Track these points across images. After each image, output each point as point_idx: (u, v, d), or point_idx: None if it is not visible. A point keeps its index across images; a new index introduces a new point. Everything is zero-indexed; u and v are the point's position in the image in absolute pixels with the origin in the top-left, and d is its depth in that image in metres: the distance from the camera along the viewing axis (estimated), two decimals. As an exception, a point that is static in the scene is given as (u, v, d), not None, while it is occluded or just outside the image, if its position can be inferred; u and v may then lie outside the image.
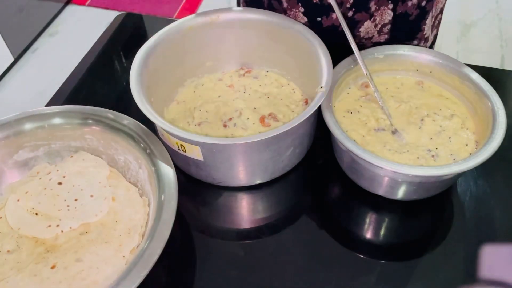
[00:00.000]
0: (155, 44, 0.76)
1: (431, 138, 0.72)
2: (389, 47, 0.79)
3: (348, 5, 0.82)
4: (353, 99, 0.78)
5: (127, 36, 1.04)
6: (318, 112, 0.70)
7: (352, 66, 0.76)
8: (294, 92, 0.82)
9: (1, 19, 1.94)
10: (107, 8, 2.36)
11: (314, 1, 0.85)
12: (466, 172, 0.74)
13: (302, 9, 0.87)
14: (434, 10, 0.88)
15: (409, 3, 0.84)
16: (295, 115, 0.77)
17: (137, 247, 0.63)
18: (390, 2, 0.82)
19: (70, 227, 0.66)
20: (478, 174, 0.76)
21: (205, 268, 0.67)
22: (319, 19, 0.85)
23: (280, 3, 0.87)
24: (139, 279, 0.54)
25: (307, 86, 0.80)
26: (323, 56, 0.72)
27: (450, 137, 0.72)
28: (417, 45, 0.91)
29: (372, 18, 0.86)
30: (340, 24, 0.74)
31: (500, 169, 0.76)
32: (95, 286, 0.60)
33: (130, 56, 0.74)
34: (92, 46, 1.00)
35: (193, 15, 0.80)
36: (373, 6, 0.82)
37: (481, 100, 0.72)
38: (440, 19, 0.93)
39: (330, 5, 0.74)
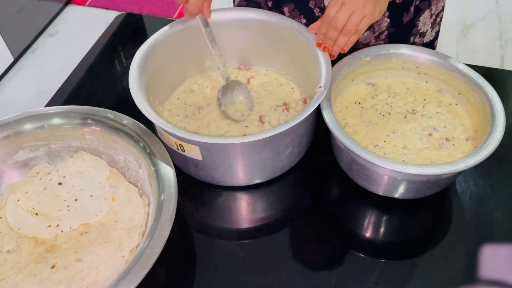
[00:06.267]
0: (154, 44, 0.76)
1: (430, 135, 0.72)
2: (383, 46, 0.79)
3: None
4: (352, 98, 0.78)
5: (127, 36, 1.04)
6: (317, 112, 0.70)
7: (351, 65, 0.76)
8: (293, 91, 0.83)
9: (1, 19, 1.94)
10: (107, 8, 2.36)
11: (317, 14, 0.85)
12: (465, 171, 0.74)
13: (304, 20, 0.87)
14: (434, 8, 0.89)
15: (405, 14, 0.85)
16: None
17: (136, 247, 0.63)
18: (387, 11, 0.83)
19: (70, 227, 0.67)
20: (477, 173, 0.76)
21: (204, 267, 0.67)
22: None
23: (282, 13, 0.87)
24: (138, 279, 0.55)
25: (306, 86, 0.80)
26: (322, 55, 0.72)
27: (449, 136, 0.72)
28: (414, 40, 0.91)
29: (371, 28, 0.87)
30: None
31: (500, 169, 0.76)
32: (95, 285, 0.60)
33: (130, 56, 0.74)
34: (92, 46, 1.00)
35: (192, 15, 0.80)
36: None
37: (480, 99, 0.72)
38: (442, 16, 0.94)
39: None
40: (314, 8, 0.85)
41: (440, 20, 0.94)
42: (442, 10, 0.92)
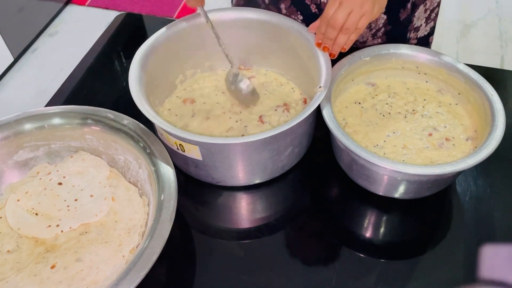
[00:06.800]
0: (154, 44, 0.76)
1: (430, 135, 0.72)
2: (383, 46, 0.79)
3: None
4: (352, 98, 0.78)
5: (127, 36, 1.04)
6: (317, 112, 0.70)
7: (351, 65, 0.76)
8: (293, 91, 0.83)
9: (1, 19, 1.94)
10: (107, 8, 2.36)
11: (313, 11, 0.85)
12: (465, 171, 0.74)
13: (300, 17, 0.87)
14: (429, 4, 0.89)
15: (402, 10, 0.85)
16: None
17: (136, 247, 0.63)
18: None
19: (70, 227, 0.67)
20: (478, 173, 0.76)
21: (204, 267, 0.67)
22: None
23: (279, 10, 0.87)
24: (138, 279, 0.55)
25: (306, 86, 0.80)
26: (322, 55, 0.72)
27: (449, 136, 0.72)
28: (409, 36, 0.91)
29: (368, 26, 0.87)
30: None
31: (500, 169, 0.76)
32: (95, 285, 0.60)
33: (130, 56, 0.74)
34: (92, 46, 1.00)
35: (192, 14, 0.80)
36: None
37: (480, 99, 0.72)
38: (438, 12, 0.94)
39: None
40: (310, 5, 0.85)
41: (436, 16, 0.94)
42: (438, 6, 0.92)
